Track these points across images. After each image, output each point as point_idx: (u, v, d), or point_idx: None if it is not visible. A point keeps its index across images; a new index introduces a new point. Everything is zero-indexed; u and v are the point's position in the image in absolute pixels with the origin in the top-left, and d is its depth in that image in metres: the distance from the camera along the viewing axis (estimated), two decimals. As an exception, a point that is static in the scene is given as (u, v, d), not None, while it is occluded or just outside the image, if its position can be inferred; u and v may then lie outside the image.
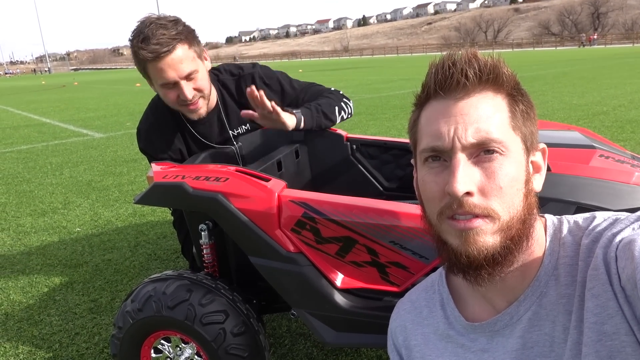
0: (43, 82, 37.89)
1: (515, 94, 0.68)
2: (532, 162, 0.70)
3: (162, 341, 1.48)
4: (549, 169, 1.16)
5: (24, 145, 7.35)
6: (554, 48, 54.71)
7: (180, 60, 1.52)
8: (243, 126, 1.85)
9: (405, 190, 1.93)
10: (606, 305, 0.59)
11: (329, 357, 1.86)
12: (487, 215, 0.63)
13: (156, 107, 1.77)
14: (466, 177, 0.62)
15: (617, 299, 0.59)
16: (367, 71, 24.88)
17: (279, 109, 1.51)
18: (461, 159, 0.63)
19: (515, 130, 0.66)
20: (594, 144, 1.36)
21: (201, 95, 1.63)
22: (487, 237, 0.64)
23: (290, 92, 1.83)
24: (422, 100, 0.70)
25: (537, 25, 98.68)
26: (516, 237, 0.65)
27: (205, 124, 1.77)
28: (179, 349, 1.47)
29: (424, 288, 0.87)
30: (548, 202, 1.12)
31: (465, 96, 0.65)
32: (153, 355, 1.50)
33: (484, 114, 0.64)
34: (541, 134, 1.52)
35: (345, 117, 1.82)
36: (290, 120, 1.57)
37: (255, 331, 1.41)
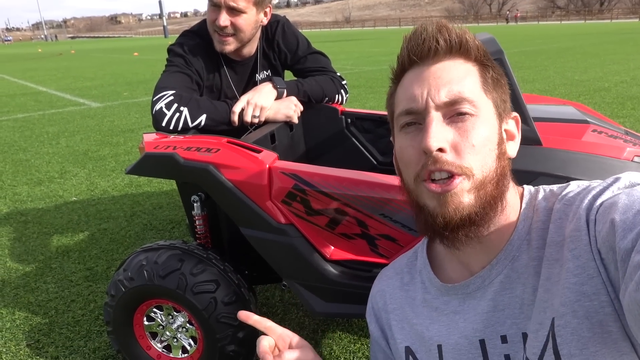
0: (39, 50, 37.36)
1: (484, 62, 0.70)
2: (505, 130, 0.72)
3: (154, 309, 1.50)
4: (540, 143, 1.16)
5: (20, 114, 7.29)
6: (559, 22, 53.81)
7: None
8: (264, 72, 1.92)
9: (399, 164, 1.93)
10: (587, 266, 0.60)
11: (320, 326, 1.89)
12: (462, 174, 0.65)
13: (202, 36, 1.76)
14: (439, 133, 0.65)
15: (595, 260, 0.60)
16: (368, 43, 24.52)
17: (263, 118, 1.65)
18: (434, 117, 0.66)
19: (487, 93, 0.69)
20: (588, 119, 1.35)
21: (234, 34, 1.67)
22: (463, 196, 0.65)
23: (299, 54, 1.89)
24: (398, 74, 0.73)
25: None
26: (490, 197, 0.67)
27: (240, 65, 1.84)
28: (170, 317, 1.49)
29: (408, 256, 0.89)
30: (539, 177, 1.12)
31: (438, 61, 0.68)
32: (146, 322, 1.52)
33: (456, 76, 0.67)
34: (535, 108, 1.51)
35: (327, 101, 1.92)
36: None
37: (246, 300, 1.43)
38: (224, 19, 1.61)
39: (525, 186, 0.75)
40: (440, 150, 0.64)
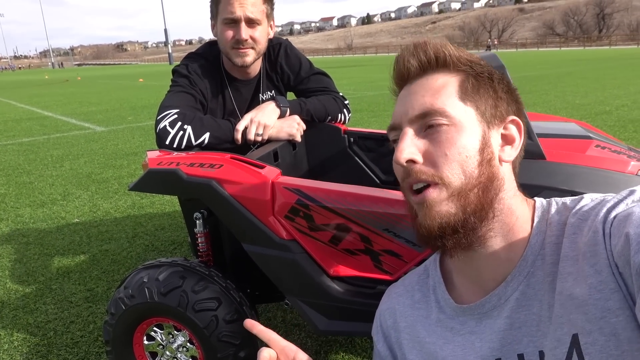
0: (46, 77, 37.95)
1: (467, 70, 0.71)
2: (503, 135, 0.72)
3: (154, 328, 1.47)
4: (543, 158, 1.15)
5: (25, 138, 7.36)
6: (558, 48, 54.53)
7: (252, 4, 1.65)
8: (268, 92, 1.94)
9: (402, 183, 1.92)
10: (608, 280, 0.58)
11: (323, 347, 1.86)
12: (437, 183, 0.66)
13: (206, 57, 1.80)
14: (411, 146, 0.68)
15: (614, 274, 0.58)
16: (370, 69, 24.84)
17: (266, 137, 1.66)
18: (407, 131, 0.69)
19: (466, 102, 0.69)
20: (591, 135, 1.35)
21: (253, 47, 1.72)
22: (441, 205, 0.66)
23: (302, 75, 1.92)
24: (396, 91, 0.79)
25: (542, 26, 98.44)
26: (474, 204, 0.66)
27: (244, 86, 1.86)
28: (171, 336, 1.47)
29: (418, 273, 0.87)
30: (543, 191, 1.11)
31: (416, 80, 0.73)
32: (145, 342, 1.50)
33: (430, 90, 0.70)
34: (538, 125, 1.51)
35: (330, 120, 1.93)
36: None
37: (247, 319, 1.40)
38: (245, 32, 1.66)
39: (536, 198, 0.74)
40: (413, 162, 0.67)
